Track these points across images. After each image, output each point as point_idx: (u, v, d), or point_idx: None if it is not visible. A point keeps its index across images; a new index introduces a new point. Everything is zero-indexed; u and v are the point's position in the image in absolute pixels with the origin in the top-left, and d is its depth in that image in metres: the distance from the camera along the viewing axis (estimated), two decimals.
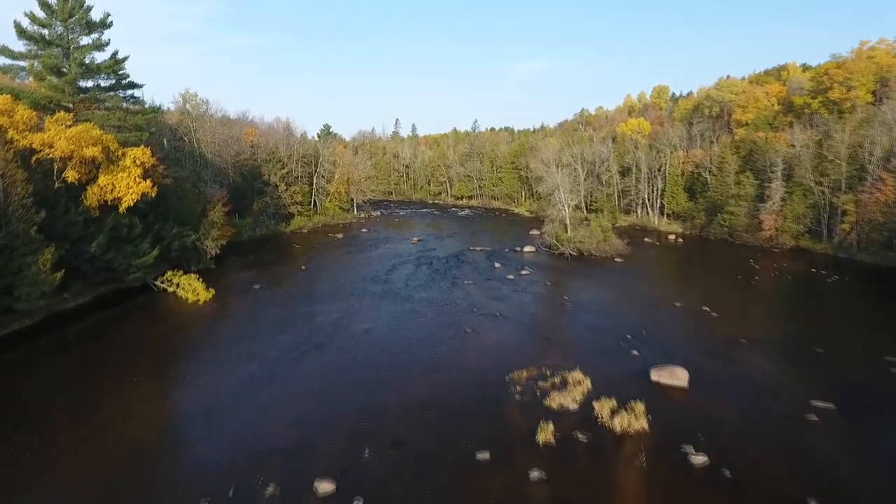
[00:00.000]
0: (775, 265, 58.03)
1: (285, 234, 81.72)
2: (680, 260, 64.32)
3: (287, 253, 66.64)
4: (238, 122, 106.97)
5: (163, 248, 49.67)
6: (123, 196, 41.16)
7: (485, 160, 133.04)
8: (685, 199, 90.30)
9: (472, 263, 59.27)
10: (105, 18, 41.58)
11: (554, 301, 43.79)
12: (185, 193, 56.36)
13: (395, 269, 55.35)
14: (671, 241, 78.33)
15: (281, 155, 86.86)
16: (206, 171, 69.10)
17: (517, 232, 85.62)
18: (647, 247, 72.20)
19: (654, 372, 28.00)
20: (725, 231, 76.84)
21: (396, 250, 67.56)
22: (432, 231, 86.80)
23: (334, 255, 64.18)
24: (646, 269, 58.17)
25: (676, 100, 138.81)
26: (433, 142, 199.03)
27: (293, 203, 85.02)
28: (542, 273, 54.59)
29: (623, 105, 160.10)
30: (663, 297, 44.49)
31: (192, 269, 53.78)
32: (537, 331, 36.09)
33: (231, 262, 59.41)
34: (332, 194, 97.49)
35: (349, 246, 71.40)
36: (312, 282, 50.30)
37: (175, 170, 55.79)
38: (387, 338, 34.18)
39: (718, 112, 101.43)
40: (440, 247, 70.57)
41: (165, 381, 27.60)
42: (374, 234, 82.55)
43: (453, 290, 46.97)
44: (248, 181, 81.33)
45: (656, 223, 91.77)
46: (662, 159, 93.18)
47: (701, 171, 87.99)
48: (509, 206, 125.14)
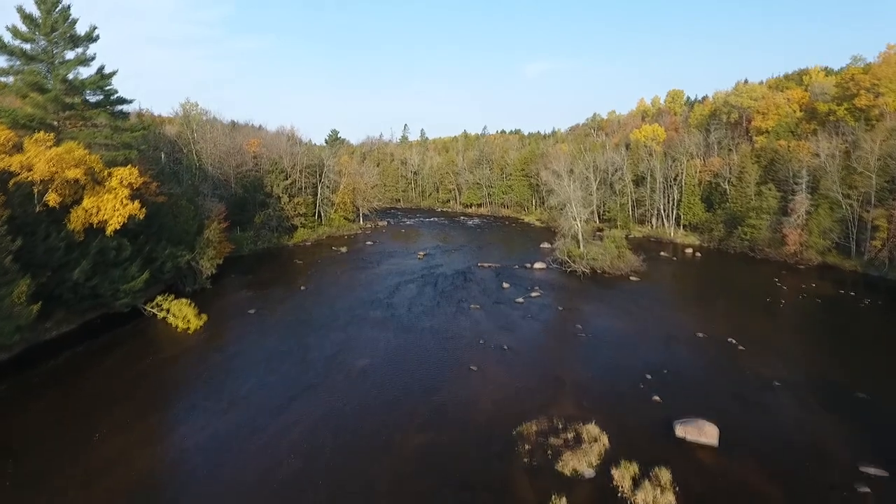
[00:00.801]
0: (803, 285, 54.49)
1: (288, 247, 79.45)
2: (699, 278, 60.90)
3: (287, 269, 64.26)
4: (244, 128, 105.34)
5: (154, 269, 47.54)
6: (109, 219, 38.90)
7: (494, 167, 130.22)
8: (702, 209, 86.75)
9: (480, 283, 56.44)
10: (91, 32, 39.40)
11: (566, 330, 40.78)
12: (181, 210, 54.18)
13: (399, 290, 52.67)
14: (688, 255, 74.85)
15: (284, 165, 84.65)
16: (206, 184, 67.07)
17: (527, 245, 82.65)
18: (664, 262, 68.86)
19: (679, 427, 24.98)
20: (746, 245, 73.34)
21: (401, 266, 64.91)
22: (439, 244, 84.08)
23: (336, 273, 61.67)
24: (663, 290, 54.92)
25: (692, 105, 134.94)
26: (442, 147, 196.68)
27: (296, 215, 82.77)
28: (553, 295, 51.61)
29: (636, 110, 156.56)
30: (684, 326, 41.33)
31: (186, 290, 51.74)
32: (548, 369, 33.15)
33: (228, 280, 57.15)
34: (338, 205, 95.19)
35: (352, 261, 68.88)
36: (311, 305, 47.76)
37: (170, 186, 53.60)
38: (384, 378, 31.45)
39: (737, 118, 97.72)
40: (447, 262, 67.81)
41: (133, 435, 25.01)
42: (378, 248, 80.00)
43: (459, 316, 44.15)
44: (250, 193, 79.19)
45: (672, 235, 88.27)
46: (678, 168, 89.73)
47: (719, 181, 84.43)
48: (519, 215, 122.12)
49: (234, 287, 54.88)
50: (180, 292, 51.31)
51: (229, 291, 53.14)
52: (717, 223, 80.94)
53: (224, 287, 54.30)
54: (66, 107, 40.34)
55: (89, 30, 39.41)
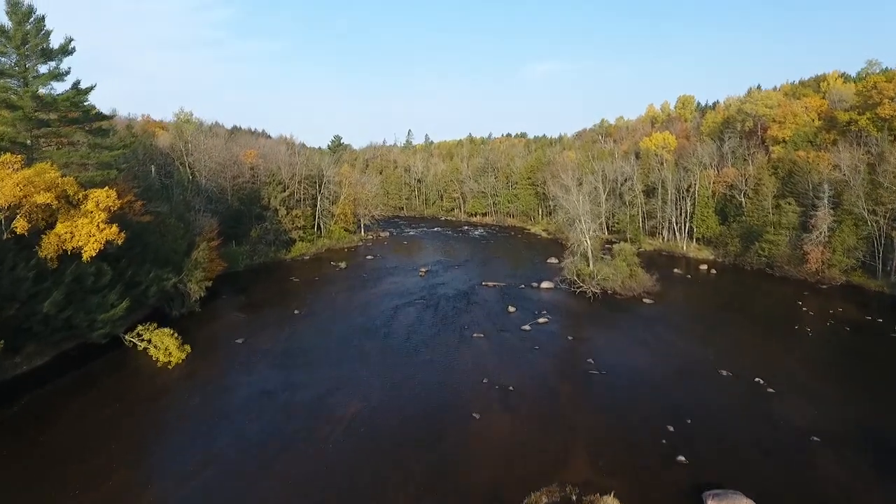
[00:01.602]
0: (829, 310, 51.00)
1: (285, 262, 76.64)
2: (716, 300, 57.46)
3: (282, 289, 61.39)
4: (241, 137, 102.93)
5: (137, 294, 44.78)
6: (85, 245, 36.11)
7: (499, 175, 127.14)
8: (716, 222, 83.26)
9: (484, 305, 53.36)
10: (66, 44, 36.69)
11: (576, 366, 37.59)
12: (169, 229, 51.47)
13: (398, 315, 49.66)
14: (703, 272, 71.41)
15: (282, 177, 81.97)
16: (199, 198, 64.44)
17: (533, 260, 79.49)
18: (678, 281, 65.48)
19: (711, 502, 21.79)
20: (763, 261, 69.80)
21: (402, 286, 61.92)
22: (442, 258, 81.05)
23: (333, 294, 58.74)
24: (679, 315, 51.60)
25: (703, 111, 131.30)
26: (446, 152, 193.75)
27: (294, 228, 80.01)
28: (561, 321, 48.46)
29: (645, 115, 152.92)
30: (705, 360, 38.05)
31: (173, 314, 49.01)
32: (558, 416, 29.99)
33: (219, 302, 54.36)
34: (338, 216, 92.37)
35: (351, 279, 65.94)
36: (303, 334, 44.81)
37: (158, 203, 50.89)
38: (376, 429, 28.40)
39: (751, 127, 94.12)
40: (449, 280, 64.77)
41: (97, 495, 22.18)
42: (379, 263, 77.06)
43: (461, 347, 41.06)
44: (246, 206, 76.52)
45: (684, 249, 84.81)
46: (691, 179, 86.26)
47: (734, 193, 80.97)
48: (525, 225, 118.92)
49: (224, 310, 52.06)
50: (166, 317, 48.65)
51: (219, 315, 50.29)
52: (732, 237, 77.45)
53: (214, 310, 51.47)
54: (41, 124, 37.64)
55: (64, 42, 36.71)
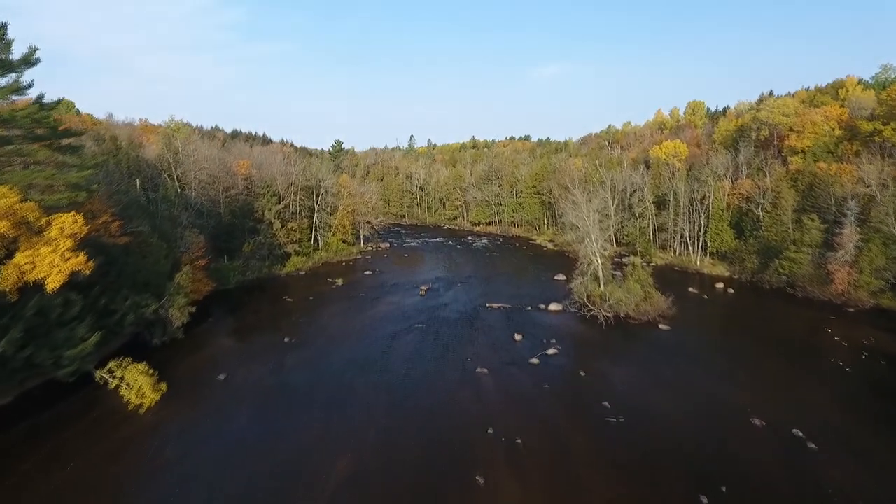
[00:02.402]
0: (861, 339, 47.08)
1: (279, 278, 73.18)
2: (737, 325, 53.63)
3: (274, 310, 57.85)
4: (238, 144, 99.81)
5: (112, 324, 41.39)
6: (47, 276, 32.62)
7: (504, 183, 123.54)
8: (731, 237, 79.46)
9: (488, 332, 49.72)
10: (29, 55, 33.20)
11: (591, 411, 33.86)
12: (151, 250, 48.01)
13: (396, 345, 46.05)
14: (719, 291, 67.53)
15: (277, 188, 78.57)
16: (188, 212, 61.07)
17: (540, 276, 75.83)
18: (694, 302, 61.61)
19: None
20: (784, 279, 65.88)
21: (400, 307, 58.35)
22: (444, 273, 77.49)
23: (327, 317, 55.18)
24: (699, 343, 47.78)
25: (713, 117, 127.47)
26: (449, 157, 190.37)
27: (289, 242, 76.60)
28: (572, 351, 44.76)
29: (654, 121, 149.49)
30: (734, 405, 34.26)
31: (153, 342, 45.63)
32: (574, 480, 26.30)
33: (205, 326, 50.91)
34: (336, 227, 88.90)
35: (347, 299, 62.39)
36: (292, 368, 41.23)
37: (139, 221, 47.46)
38: (367, 494, 24.79)
39: (766, 136, 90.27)
40: (452, 301, 61.18)
41: None
42: (378, 279, 73.53)
43: (463, 386, 37.40)
44: (239, 219, 73.13)
45: (698, 264, 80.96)
46: (705, 190, 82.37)
47: (751, 207, 77.09)
48: (530, 235, 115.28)
49: (209, 336, 48.57)
50: (146, 345, 45.36)
51: (203, 343, 46.79)
52: (749, 253, 73.58)
53: (198, 337, 47.98)
54: (2, 142, 34.21)
55: (27, 53, 33.28)
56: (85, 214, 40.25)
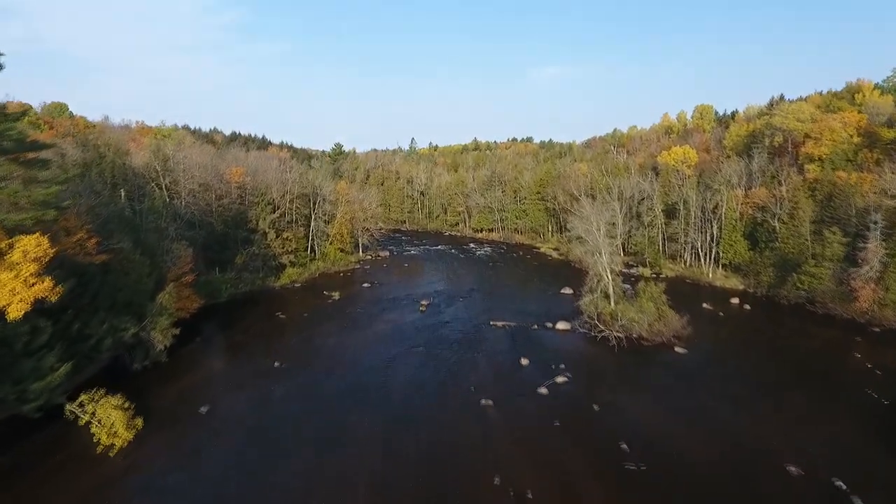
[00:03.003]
0: (892, 363, 43.87)
1: (273, 290, 70.11)
2: (758, 347, 50.27)
3: (265, 328, 54.74)
4: (232, 150, 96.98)
5: (88, 350, 38.38)
6: (8, 305, 29.60)
7: (507, 189, 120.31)
8: (745, 248, 76.19)
9: (493, 356, 46.58)
10: None
11: (608, 454, 30.63)
12: (133, 267, 44.95)
13: (394, 370, 42.93)
14: (734, 307, 64.25)
15: (272, 196, 75.55)
16: (176, 224, 58.03)
17: (546, 289, 72.67)
18: (709, 319, 58.30)
19: None
20: (803, 295, 62.59)
21: (399, 325, 55.26)
22: (445, 286, 74.39)
23: (321, 337, 52.03)
24: (719, 369, 44.48)
25: (722, 121, 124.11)
26: (451, 160, 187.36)
27: (285, 252, 73.53)
28: (583, 378, 41.54)
29: (660, 125, 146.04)
30: (765, 446, 31.02)
31: (134, 367, 42.61)
32: None
33: (192, 348, 47.86)
34: (333, 236, 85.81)
35: (343, 316, 59.27)
36: (280, 399, 38.10)
37: (121, 237, 44.43)
38: None
39: (781, 142, 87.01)
40: (453, 318, 58.06)
41: None
42: (376, 292, 70.44)
43: (467, 423, 34.21)
44: (231, 229, 70.08)
45: (710, 276, 77.70)
46: (718, 199, 79.01)
47: (766, 217, 73.76)
48: (534, 243, 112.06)
49: (194, 360, 45.50)
50: (126, 370, 42.35)
51: (187, 368, 43.69)
52: (764, 266, 70.31)
53: (183, 360, 44.90)
54: None
55: None
56: (57, 232, 37.41)
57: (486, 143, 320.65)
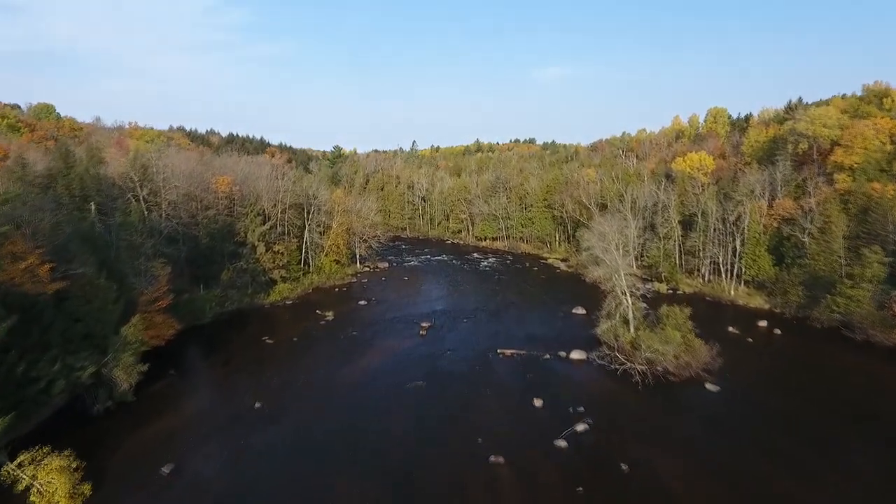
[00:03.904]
0: None
1: (263, 309, 65.01)
2: (797, 384, 44.71)
3: (250, 357, 49.60)
4: (222, 157, 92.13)
5: (38, 392, 33.37)
6: None
7: (512, 195, 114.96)
8: (769, 263, 70.95)
9: (502, 393, 41.49)
10: None
11: None
12: (97, 293, 39.87)
13: (390, 413, 37.83)
14: (763, 331, 58.90)
15: (263, 206, 70.51)
16: (154, 240, 52.96)
17: (556, 308, 67.49)
18: (737, 347, 52.84)
19: None
20: (837, 318, 57.28)
21: (397, 354, 50.15)
22: (447, 303, 69.29)
23: (310, 368, 46.94)
24: (760, 414, 39.02)
25: (738, 126, 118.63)
26: (453, 164, 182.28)
27: (275, 267, 68.40)
28: (606, 427, 36.29)
29: (671, 128, 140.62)
30: None
31: (95, 409, 37.57)
32: None
33: (164, 384, 42.83)
34: (329, 248, 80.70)
35: (336, 341, 54.19)
36: (257, 454, 32.98)
37: (85, 258, 39.41)
38: None
39: (805, 149, 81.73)
40: (457, 344, 52.96)
41: None
42: (373, 311, 65.32)
43: (475, 488, 29.10)
44: (218, 242, 64.99)
45: (732, 294, 72.41)
46: (740, 209, 73.62)
47: (793, 231, 68.40)
48: (541, 253, 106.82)
49: (165, 400, 40.35)
50: (85, 413, 37.28)
51: (155, 410, 38.57)
52: (792, 285, 64.94)
53: (152, 400, 39.83)
54: None
55: None
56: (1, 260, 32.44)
57: (489, 145, 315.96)
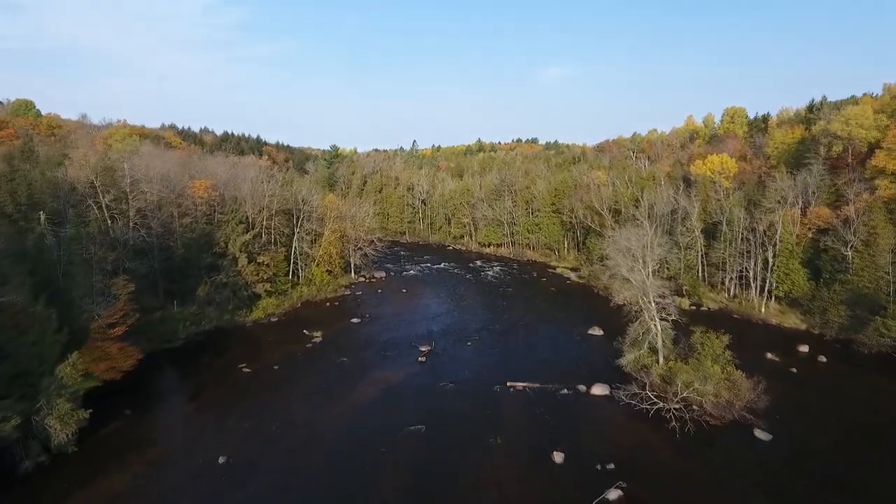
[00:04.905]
0: None
1: (243, 328, 58.50)
2: (861, 430, 37.92)
3: (222, 392, 43.09)
4: (205, 159, 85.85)
5: None
6: None
7: (518, 199, 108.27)
8: (804, 278, 64.38)
9: (514, 446, 34.91)
10: None
11: None
12: (32, 321, 33.41)
13: (377, 476, 31.32)
14: (805, 357, 52.30)
15: (246, 212, 64.03)
16: (116, 253, 46.60)
17: (571, 329, 61.01)
18: (780, 378, 46.01)
19: None
20: (888, 343, 50.73)
21: (391, 389, 43.63)
22: (449, 321, 62.80)
23: (290, 407, 40.33)
24: (825, 473, 32.51)
25: (758, 126, 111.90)
26: (455, 165, 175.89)
27: (259, 281, 61.87)
28: (642, 493, 29.77)
29: (683, 128, 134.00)
30: None
31: (23, 468, 31.11)
32: None
33: (115, 429, 36.33)
34: (321, 257, 74.22)
35: (322, 370, 47.74)
36: None
37: (13, 287, 32.94)
38: None
39: (839, 152, 75.15)
40: (460, 374, 46.49)
41: None
42: (367, 331, 58.86)
43: None
44: (194, 254, 58.52)
45: (761, 311, 65.79)
46: (771, 218, 66.90)
47: (833, 243, 61.71)
48: (549, 261, 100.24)
49: (113, 453, 33.81)
50: (13, 471, 30.87)
51: (99, 467, 32.06)
52: (833, 303, 58.35)
53: (97, 452, 33.36)
54: None
55: None
56: None
57: (491, 144, 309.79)
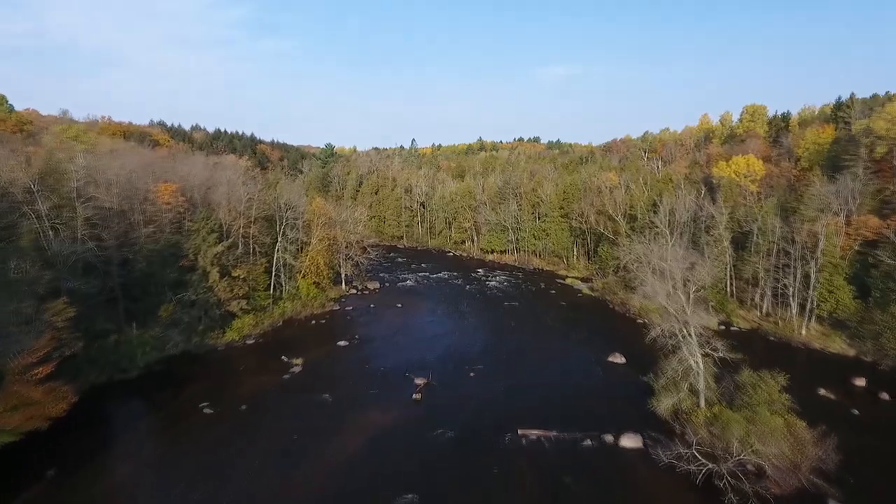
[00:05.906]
0: None
1: (214, 352, 51.16)
2: None
3: (174, 440, 35.76)
4: (167, 160, 78.59)
5: None
6: None
7: (523, 203, 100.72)
8: (850, 296, 57.04)
9: None
10: None
11: None
12: None
13: None
14: (863, 393, 44.95)
15: (221, 219, 56.61)
16: (57, 269, 39.24)
17: (589, 356, 53.46)
18: (839, 420, 38.41)
19: None
20: None
21: (378, 440, 36.20)
22: (449, 344, 55.40)
23: (254, 464, 32.94)
24: None
25: (777, 125, 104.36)
26: (456, 165, 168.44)
27: (233, 298, 54.48)
28: None
29: (698, 127, 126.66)
30: None
31: None
32: None
33: (29, 499, 28.94)
34: (307, 268, 66.82)
35: (298, 410, 40.33)
36: None
37: None
38: None
39: (883, 154, 67.75)
40: (462, 418, 39.05)
41: None
42: (355, 357, 51.52)
43: None
44: (157, 268, 51.15)
45: (802, 332, 58.26)
46: (809, 226, 59.43)
47: (887, 258, 54.25)
48: (557, 269, 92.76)
49: None
50: None
51: None
52: (890, 327, 50.94)
53: None
54: None
55: None
56: None
57: (492, 143, 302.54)
